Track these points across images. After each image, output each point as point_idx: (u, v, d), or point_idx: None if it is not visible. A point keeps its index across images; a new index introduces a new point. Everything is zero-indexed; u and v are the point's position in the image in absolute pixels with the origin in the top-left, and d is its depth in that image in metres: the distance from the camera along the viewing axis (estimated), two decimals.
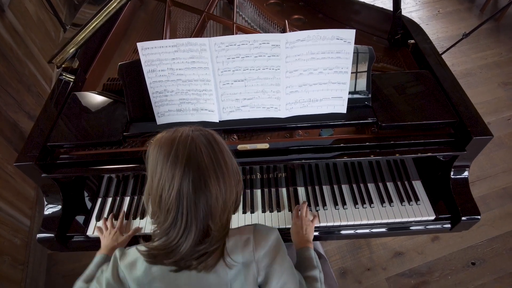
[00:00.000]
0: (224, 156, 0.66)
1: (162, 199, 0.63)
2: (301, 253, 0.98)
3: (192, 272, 0.69)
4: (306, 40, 0.93)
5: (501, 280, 1.73)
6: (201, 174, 0.62)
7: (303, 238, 1.03)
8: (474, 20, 3.14)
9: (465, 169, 1.10)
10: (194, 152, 0.62)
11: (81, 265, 1.83)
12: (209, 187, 0.62)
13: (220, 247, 0.68)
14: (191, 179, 0.61)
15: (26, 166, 1.00)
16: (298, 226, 1.07)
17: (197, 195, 0.61)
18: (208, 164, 0.62)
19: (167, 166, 0.62)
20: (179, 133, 0.65)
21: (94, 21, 1.14)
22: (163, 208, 0.63)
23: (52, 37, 2.58)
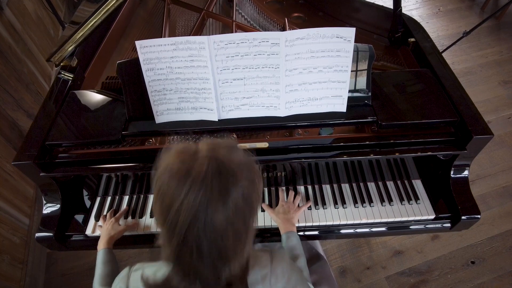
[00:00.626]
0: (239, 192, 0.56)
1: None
2: (286, 239, 1.02)
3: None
4: (306, 39, 0.93)
5: (501, 279, 1.73)
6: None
7: (288, 220, 1.06)
8: (475, 18, 3.13)
9: (465, 168, 1.10)
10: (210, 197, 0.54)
11: (80, 264, 1.83)
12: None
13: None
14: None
15: (24, 165, 0.99)
16: (284, 208, 1.10)
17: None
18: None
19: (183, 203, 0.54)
20: (194, 162, 0.55)
21: (93, 19, 1.13)
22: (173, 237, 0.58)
23: (50, 35, 2.57)
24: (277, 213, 1.10)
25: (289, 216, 1.08)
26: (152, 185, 0.61)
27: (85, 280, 1.79)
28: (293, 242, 1.01)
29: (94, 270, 1.58)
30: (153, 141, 1.06)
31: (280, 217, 1.08)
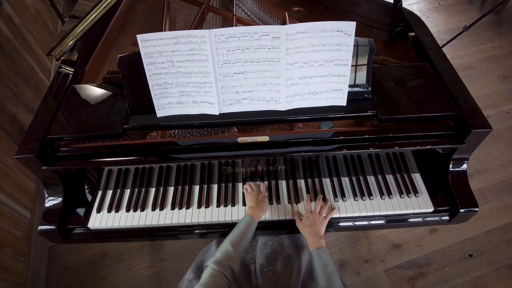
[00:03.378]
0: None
1: None
2: (318, 256, 0.99)
3: None
4: (306, 32, 0.93)
5: (498, 271, 1.76)
6: None
7: (315, 233, 1.04)
8: (475, 12, 3.12)
9: (463, 162, 1.11)
10: None
11: (82, 257, 1.85)
12: None
13: None
14: None
15: (26, 159, 1.00)
16: (311, 220, 1.08)
17: None
18: None
19: None
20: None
21: (93, 13, 1.13)
22: None
23: (49, 29, 2.56)
24: (303, 226, 1.09)
25: (315, 228, 1.06)
26: None
27: (87, 273, 1.80)
28: (325, 260, 0.98)
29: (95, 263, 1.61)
30: (154, 134, 1.06)
31: (307, 231, 1.06)
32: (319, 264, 0.98)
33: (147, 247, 1.89)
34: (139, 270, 1.81)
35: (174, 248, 1.87)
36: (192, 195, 1.19)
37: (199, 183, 1.21)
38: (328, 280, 0.92)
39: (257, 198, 1.12)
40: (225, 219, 1.14)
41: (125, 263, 1.83)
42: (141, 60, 0.97)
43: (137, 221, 1.15)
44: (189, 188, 1.20)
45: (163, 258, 1.84)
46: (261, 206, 1.10)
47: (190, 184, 1.21)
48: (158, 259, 1.84)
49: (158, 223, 1.14)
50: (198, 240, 1.87)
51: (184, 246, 1.87)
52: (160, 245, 1.89)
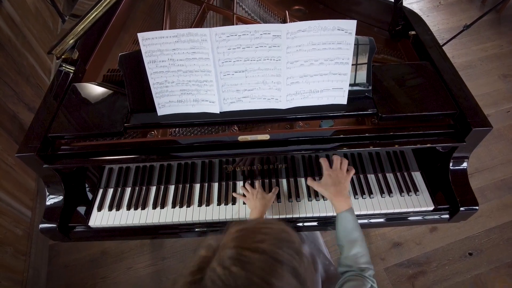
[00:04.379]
0: None
1: None
2: (343, 219, 0.93)
3: None
4: (307, 31, 0.93)
5: (498, 270, 1.76)
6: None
7: (341, 192, 0.97)
8: (475, 11, 3.12)
9: (464, 161, 1.11)
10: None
11: (82, 256, 1.85)
12: None
13: None
14: None
15: (27, 157, 1.00)
16: (333, 178, 1.00)
17: None
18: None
19: None
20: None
21: (94, 11, 1.13)
22: None
23: (50, 27, 2.56)
24: (325, 185, 1.00)
25: (341, 187, 0.98)
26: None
27: (88, 272, 1.81)
28: (350, 223, 0.91)
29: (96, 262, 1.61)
30: (155, 133, 1.06)
31: (331, 190, 0.97)
32: (343, 228, 0.91)
33: (147, 245, 1.89)
34: (139, 268, 1.81)
35: (174, 246, 1.87)
36: (193, 193, 1.20)
37: (199, 181, 1.21)
38: (351, 248, 0.85)
39: (255, 197, 1.11)
40: (225, 218, 1.15)
41: (126, 262, 1.84)
42: (142, 59, 0.97)
43: (138, 219, 1.15)
44: (190, 187, 1.21)
45: (163, 256, 1.84)
46: (263, 203, 1.09)
47: (191, 183, 1.21)
48: (158, 257, 1.84)
49: (159, 221, 1.14)
50: (199, 239, 1.87)
51: (185, 245, 1.88)
52: (160, 243, 1.89)
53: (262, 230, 0.50)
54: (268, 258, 0.46)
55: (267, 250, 0.47)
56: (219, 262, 0.46)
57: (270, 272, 0.45)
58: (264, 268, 0.45)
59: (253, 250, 0.47)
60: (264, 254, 0.46)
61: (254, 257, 0.46)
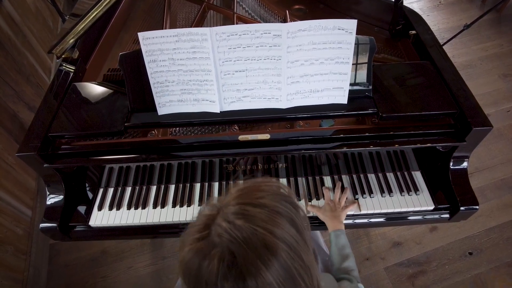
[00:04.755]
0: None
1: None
2: (335, 237, 1.01)
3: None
4: (307, 30, 0.93)
5: (497, 269, 1.76)
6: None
7: (336, 218, 1.06)
8: (476, 11, 3.11)
9: (464, 160, 1.11)
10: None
11: (83, 255, 1.86)
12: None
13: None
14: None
15: (28, 157, 1.00)
16: (331, 206, 1.09)
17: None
18: None
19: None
20: (206, 261, 0.49)
21: (94, 11, 1.13)
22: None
23: (50, 27, 2.56)
24: (323, 211, 1.09)
25: (336, 213, 1.07)
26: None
27: (88, 271, 1.81)
28: (342, 241, 1.01)
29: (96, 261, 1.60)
30: (156, 132, 1.06)
31: (327, 215, 1.07)
32: (336, 245, 1.00)
33: (147, 245, 1.89)
34: (139, 268, 1.81)
35: (174, 246, 1.87)
36: (193, 192, 1.20)
37: (200, 181, 1.21)
38: (343, 262, 0.93)
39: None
40: None
41: (126, 261, 1.84)
42: (142, 58, 0.97)
43: (138, 219, 1.15)
44: (190, 186, 1.21)
45: (164, 256, 1.85)
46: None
47: (191, 182, 1.21)
48: (159, 257, 1.84)
49: (159, 220, 1.14)
50: None
51: None
52: (160, 243, 1.89)
53: (261, 188, 0.55)
54: (269, 211, 0.51)
55: (267, 204, 0.52)
56: (224, 218, 0.50)
57: (271, 223, 0.49)
58: (266, 220, 0.50)
59: (254, 205, 0.51)
60: (265, 208, 0.51)
61: (256, 211, 0.50)
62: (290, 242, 0.50)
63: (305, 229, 0.55)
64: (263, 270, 0.46)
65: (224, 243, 0.48)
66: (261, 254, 0.47)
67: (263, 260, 0.47)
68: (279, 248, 0.48)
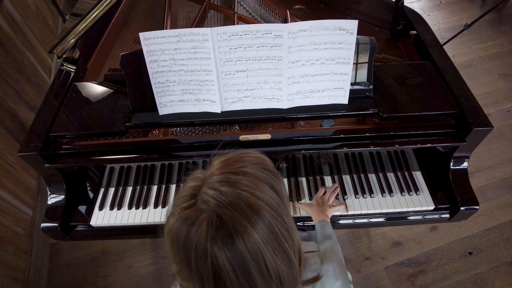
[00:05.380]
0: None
1: None
2: (321, 227, 1.02)
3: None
4: (308, 31, 0.93)
5: (497, 269, 1.76)
6: None
7: (322, 211, 1.07)
8: (476, 10, 3.11)
9: (464, 160, 1.11)
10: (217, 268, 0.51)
11: (83, 254, 1.86)
12: None
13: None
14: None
15: (29, 156, 1.01)
16: (319, 202, 1.10)
17: None
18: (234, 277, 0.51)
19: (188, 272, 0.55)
20: (194, 234, 0.51)
21: (95, 11, 1.13)
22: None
23: (50, 26, 2.56)
24: (310, 205, 1.11)
25: (323, 208, 1.08)
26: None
27: (88, 270, 1.81)
28: (327, 231, 1.01)
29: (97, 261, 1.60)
30: (156, 132, 1.07)
31: (314, 209, 1.08)
32: (321, 235, 1.01)
33: (148, 244, 1.89)
34: (140, 267, 1.81)
35: None
36: None
37: None
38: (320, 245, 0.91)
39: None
40: None
41: (127, 261, 1.84)
42: (143, 58, 0.97)
43: (139, 218, 1.15)
44: None
45: (164, 255, 1.85)
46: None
47: None
48: (159, 256, 1.84)
49: (160, 220, 1.15)
50: None
51: None
52: (161, 242, 1.87)
53: (242, 159, 0.59)
54: (251, 177, 0.55)
55: (248, 172, 0.56)
56: (209, 186, 0.54)
57: (253, 187, 0.53)
58: (248, 185, 0.53)
59: (237, 174, 0.55)
60: (247, 175, 0.55)
61: (239, 178, 0.54)
62: (272, 204, 0.54)
63: (284, 196, 0.59)
64: (249, 229, 0.50)
65: (211, 208, 0.51)
66: (246, 214, 0.51)
67: (249, 220, 0.50)
68: (263, 208, 0.52)
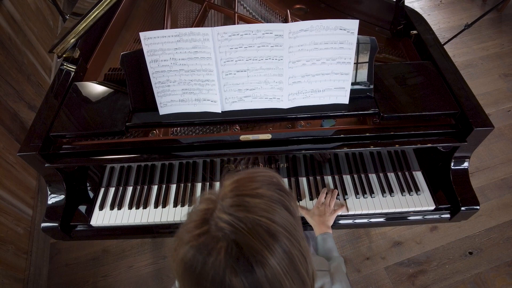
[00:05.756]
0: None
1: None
2: (322, 241, 1.03)
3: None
4: (309, 30, 0.93)
5: (497, 269, 1.76)
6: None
7: (323, 222, 1.07)
8: (476, 10, 3.11)
9: (465, 160, 1.11)
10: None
11: (83, 254, 1.86)
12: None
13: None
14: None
15: (29, 156, 1.00)
16: (320, 210, 1.10)
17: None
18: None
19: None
20: (206, 260, 0.48)
21: (95, 10, 1.12)
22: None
23: (50, 26, 2.56)
24: (312, 215, 1.10)
25: (324, 218, 1.08)
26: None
27: (89, 270, 1.81)
28: (329, 244, 1.01)
29: (97, 260, 1.59)
30: (157, 132, 1.07)
31: (315, 220, 1.08)
32: (323, 248, 1.01)
33: (148, 244, 1.89)
34: (140, 267, 1.81)
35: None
36: (195, 192, 1.20)
37: (201, 180, 1.22)
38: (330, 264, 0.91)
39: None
40: None
41: (127, 260, 1.84)
42: (144, 58, 0.97)
43: (140, 218, 1.15)
44: (192, 186, 1.21)
45: (164, 255, 1.85)
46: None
47: (193, 182, 1.21)
48: (159, 256, 1.84)
49: (161, 220, 1.15)
50: None
51: None
52: (161, 242, 1.89)
53: (255, 178, 0.57)
54: (266, 200, 0.53)
55: (264, 194, 0.53)
56: (224, 211, 0.50)
57: (270, 211, 0.51)
58: (265, 209, 0.51)
59: (253, 196, 0.53)
60: (263, 198, 0.53)
61: (255, 201, 0.52)
62: (288, 228, 0.52)
63: (297, 216, 0.57)
64: (269, 258, 0.47)
65: (228, 235, 0.48)
66: (266, 242, 0.48)
67: (268, 247, 0.48)
68: (281, 234, 0.50)
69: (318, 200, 1.14)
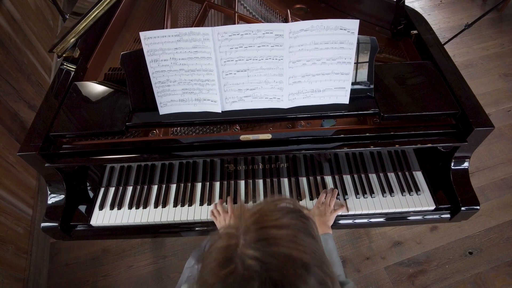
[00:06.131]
0: None
1: None
2: (324, 241, 1.02)
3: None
4: (309, 30, 0.93)
5: (497, 269, 1.76)
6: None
7: (324, 223, 1.07)
8: (477, 10, 3.11)
9: (465, 160, 1.11)
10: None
11: (83, 253, 1.86)
12: None
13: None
14: None
15: (29, 156, 1.00)
16: (320, 210, 1.10)
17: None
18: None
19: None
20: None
21: (95, 10, 1.12)
22: None
23: (50, 25, 2.56)
24: (312, 215, 1.10)
25: (325, 218, 1.08)
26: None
27: (89, 270, 1.81)
28: (330, 246, 1.01)
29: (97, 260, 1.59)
30: (157, 132, 1.06)
31: (316, 220, 1.08)
32: (324, 250, 0.99)
33: (148, 244, 1.89)
34: (140, 266, 1.81)
35: (175, 245, 1.88)
36: (195, 192, 1.20)
37: (201, 180, 1.21)
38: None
39: (225, 221, 1.09)
40: None
41: (127, 260, 1.84)
42: (144, 58, 0.97)
43: (140, 218, 1.15)
44: (192, 186, 1.21)
45: (164, 255, 1.85)
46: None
47: (193, 182, 1.21)
48: (159, 256, 1.84)
49: (161, 220, 1.15)
50: (200, 237, 1.87)
51: (186, 243, 1.88)
52: (161, 242, 1.89)
53: (276, 208, 0.54)
54: (292, 230, 0.50)
55: (288, 224, 0.51)
56: (249, 247, 0.47)
57: (299, 241, 0.49)
58: (293, 240, 0.49)
59: (277, 227, 0.50)
60: (288, 228, 0.50)
61: (281, 233, 0.49)
62: (317, 255, 0.50)
63: (319, 239, 0.56)
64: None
65: (260, 274, 0.45)
66: (300, 275, 0.46)
67: (303, 281, 0.46)
68: (312, 264, 0.48)
69: (319, 200, 1.13)
